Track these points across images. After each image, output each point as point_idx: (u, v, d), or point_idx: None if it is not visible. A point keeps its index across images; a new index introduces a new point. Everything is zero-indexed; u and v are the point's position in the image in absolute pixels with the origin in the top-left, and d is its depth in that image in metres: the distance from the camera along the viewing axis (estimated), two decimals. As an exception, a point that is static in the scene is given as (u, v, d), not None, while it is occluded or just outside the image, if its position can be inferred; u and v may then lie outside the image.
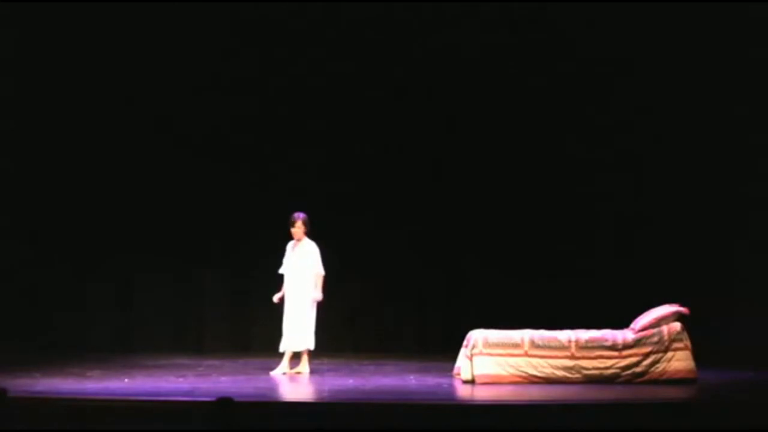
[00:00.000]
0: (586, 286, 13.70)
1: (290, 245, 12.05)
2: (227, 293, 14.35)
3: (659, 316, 11.36)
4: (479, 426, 9.04)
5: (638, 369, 11.18)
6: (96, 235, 14.07)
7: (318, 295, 11.85)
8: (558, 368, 11.12)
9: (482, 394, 10.59)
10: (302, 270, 11.91)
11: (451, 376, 11.53)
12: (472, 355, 11.18)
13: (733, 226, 13.67)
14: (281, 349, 11.93)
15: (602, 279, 13.72)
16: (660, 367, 11.19)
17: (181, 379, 11.40)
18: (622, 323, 11.55)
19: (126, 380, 11.22)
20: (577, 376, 11.13)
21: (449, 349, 11.94)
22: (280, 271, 12.00)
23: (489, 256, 14.06)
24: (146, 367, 12.31)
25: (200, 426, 8.27)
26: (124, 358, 13.11)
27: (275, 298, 11.97)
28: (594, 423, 8.92)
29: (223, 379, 11.52)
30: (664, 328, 11.29)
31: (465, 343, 11.41)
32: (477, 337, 11.24)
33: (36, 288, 13.93)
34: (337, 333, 12.31)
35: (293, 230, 11.98)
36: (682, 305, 11.44)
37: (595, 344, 11.21)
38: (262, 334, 13.98)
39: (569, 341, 11.20)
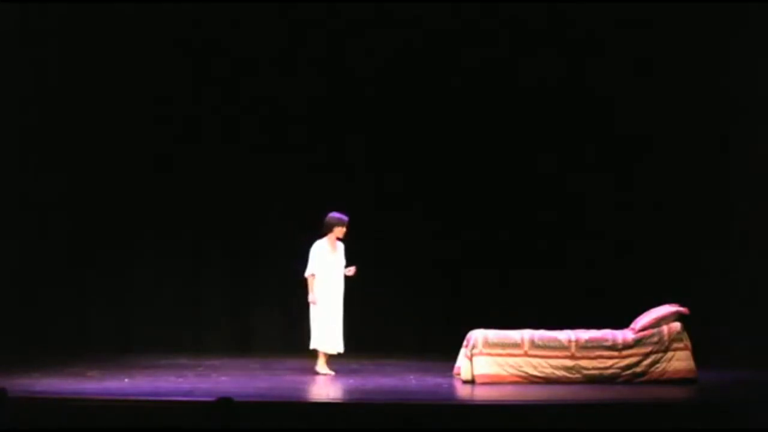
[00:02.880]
0: (586, 286, 13.70)
1: (325, 246, 11.83)
2: (227, 293, 14.33)
3: (659, 316, 11.36)
4: (479, 426, 9.05)
5: (638, 369, 11.18)
6: (96, 234, 14.05)
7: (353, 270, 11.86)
8: (558, 368, 11.12)
9: (482, 394, 10.59)
10: (342, 271, 11.86)
11: (451, 376, 11.53)
12: (471, 355, 11.18)
13: (733, 225, 13.66)
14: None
15: (602, 279, 13.72)
16: (660, 367, 11.19)
17: (181, 379, 11.39)
18: (622, 323, 11.56)
19: (126, 380, 11.21)
20: (577, 376, 11.13)
21: (449, 349, 11.93)
22: (313, 272, 11.75)
23: (489, 256, 14.05)
24: (146, 367, 12.29)
25: (200, 426, 8.26)
26: (124, 358, 13.10)
27: (313, 299, 11.79)
28: (594, 423, 8.94)
29: (223, 379, 11.51)
30: (664, 328, 11.29)
31: (465, 343, 11.41)
32: (477, 337, 11.24)
33: (36, 288, 13.90)
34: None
35: (343, 230, 11.85)
36: (682, 305, 11.45)
37: (595, 344, 11.22)
38: (262, 334, 14.00)
39: (569, 341, 11.20)
